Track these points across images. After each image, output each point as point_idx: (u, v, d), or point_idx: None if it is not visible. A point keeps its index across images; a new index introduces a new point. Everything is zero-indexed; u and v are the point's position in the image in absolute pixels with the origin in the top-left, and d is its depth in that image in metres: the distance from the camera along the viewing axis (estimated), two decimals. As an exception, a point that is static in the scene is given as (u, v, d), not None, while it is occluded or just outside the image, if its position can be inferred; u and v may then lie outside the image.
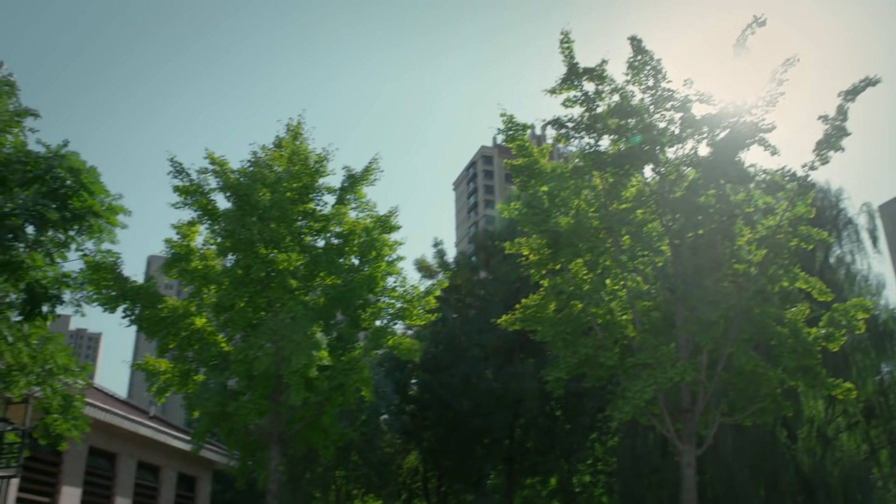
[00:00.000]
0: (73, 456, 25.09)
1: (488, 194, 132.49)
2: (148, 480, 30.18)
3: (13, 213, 12.99)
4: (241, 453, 18.38)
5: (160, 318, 15.79)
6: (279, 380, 16.16)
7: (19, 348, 13.86)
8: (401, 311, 18.18)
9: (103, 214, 14.26)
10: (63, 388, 14.34)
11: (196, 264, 16.63)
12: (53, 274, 13.90)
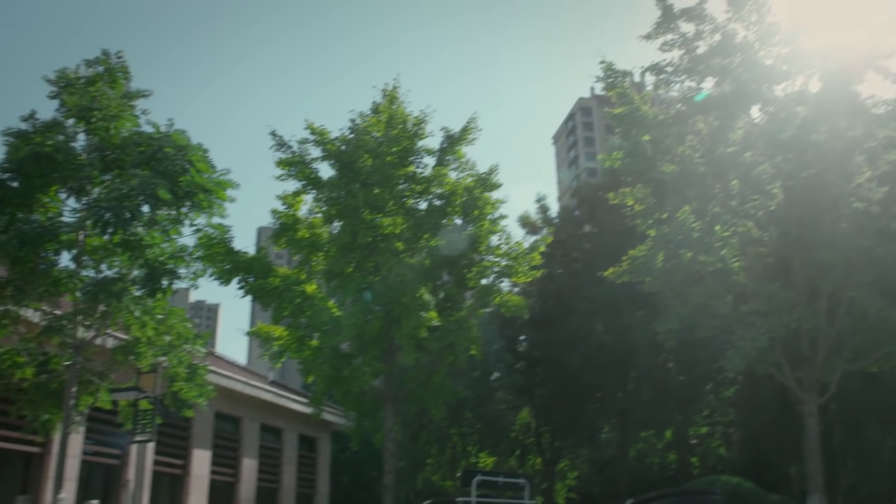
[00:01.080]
0: (201, 421, 26.42)
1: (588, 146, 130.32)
2: (271, 442, 31.53)
3: (130, 194, 13.59)
4: (356, 414, 18.91)
5: (273, 288, 16.28)
6: (390, 342, 16.46)
7: (144, 321, 14.58)
8: (506, 268, 18.15)
9: (212, 190, 14.74)
10: (187, 358, 15.03)
11: (303, 233, 17.02)
12: (170, 250, 14.50)
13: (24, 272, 13.67)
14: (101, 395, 14.80)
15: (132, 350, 14.75)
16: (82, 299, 13.90)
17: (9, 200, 13.60)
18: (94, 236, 14.19)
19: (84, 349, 14.16)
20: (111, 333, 16.32)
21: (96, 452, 22.98)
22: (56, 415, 14.42)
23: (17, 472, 20.86)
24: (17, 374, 14.07)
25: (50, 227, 13.65)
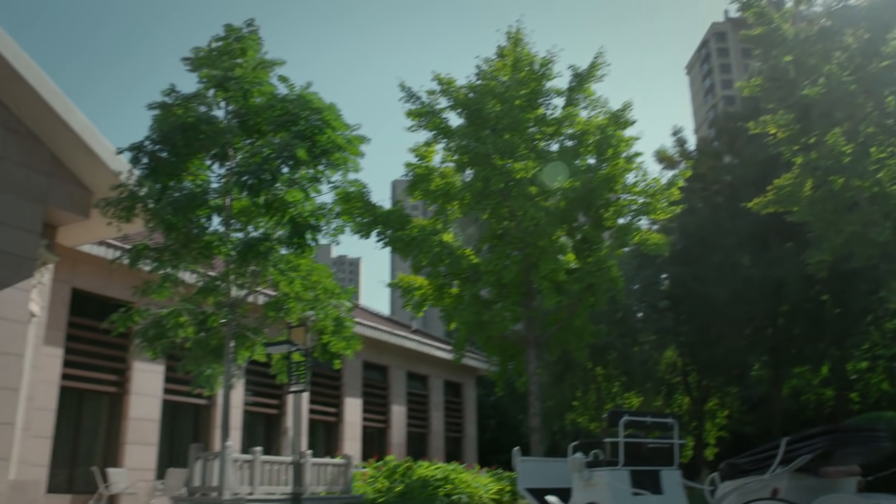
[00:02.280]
0: (350, 371, 27.51)
1: (724, 73, 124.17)
2: (418, 389, 32.47)
3: (270, 156, 14.07)
4: (499, 359, 19.08)
5: (410, 239, 16.53)
6: (529, 286, 16.45)
7: (291, 278, 15.18)
8: (644, 206, 17.66)
9: (346, 147, 15.04)
10: (333, 311, 15.56)
11: (437, 183, 17.14)
12: (311, 207, 14.96)
13: (179, 237, 14.48)
14: (256, 349, 15.59)
15: (281, 306, 15.42)
16: (233, 260, 14.60)
17: (160, 170, 14.38)
18: (239, 199, 14.82)
19: (238, 307, 14.92)
20: (261, 291, 17.11)
21: (257, 403, 24.39)
22: (217, 369, 15.33)
23: (189, 422, 22.46)
24: (180, 333, 15.01)
25: (199, 193, 14.36)
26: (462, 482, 17.65)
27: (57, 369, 18.55)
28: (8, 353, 14.93)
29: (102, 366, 19.99)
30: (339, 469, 17.41)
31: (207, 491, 14.11)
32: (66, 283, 18.90)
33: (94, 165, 16.20)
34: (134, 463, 19.88)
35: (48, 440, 18.03)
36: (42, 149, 16.18)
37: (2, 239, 15.16)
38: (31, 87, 15.19)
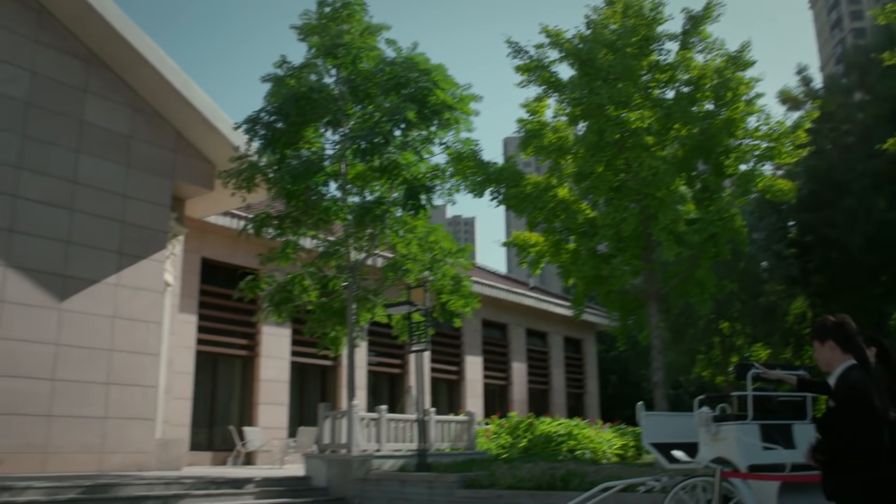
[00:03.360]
0: (470, 329, 27.78)
1: (853, 4, 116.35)
2: (538, 345, 32.49)
3: (381, 120, 14.20)
4: (619, 314, 18.77)
5: (525, 195, 16.38)
6: (648, 238, 16.05)
7: (408, 239, 15.35)
8: (767, 150, 16.83)
9: (456, 106, 14.98)
10: (451, 270, 15.66)
11: (549, 138, 16.88)
12: (424, 169, 15.03)
13: (298, 205, 14.88)
14: (377, 310, 15.91)
15: (400, 267, 15.64)
16: (351, 224, 14.89)
17: (277, 140, 14.77)
18: (354, 164, 15.06)
19: (358, 270, 15.24)
20: (380, 253, 17.41)
21: (380, 363, 25.02)
22: (341, 331, 15.75)
23: (316, 383, 23.29)
24: (304, 297, 15.49)
25: (315, 160, 14.68)
26: (585, 437, 17.60)
27: (192, 335, 19.56)
28: (147, 321, 15.82)
29: (233, 330, 20.94)
30: (463, 426, 17.66)
31: (337, 448, 14.61)
32: (196, 254, 19.82)
33: (215, 139, 16.82)
34: (267, 422, 20.82)
35: (188, 401, 19.10)
36: (167, 126, 16.91)
37: (135, 214, 16.00)
38: (153, 68, 15.85)
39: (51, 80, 15.10)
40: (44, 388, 13.99)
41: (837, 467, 3.88)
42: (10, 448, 13.38)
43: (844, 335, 4.13)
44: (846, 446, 3.81)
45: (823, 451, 3.97)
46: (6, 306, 13.72)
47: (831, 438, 3.94)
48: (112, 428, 14.82)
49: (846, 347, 4.11)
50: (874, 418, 3.79)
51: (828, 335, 4.20)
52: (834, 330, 4.18)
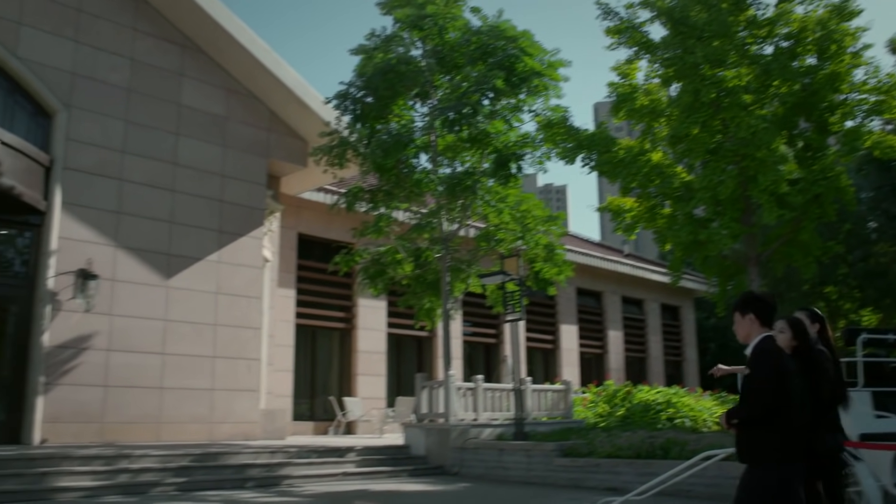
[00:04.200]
0: (564, 298, 27.59)
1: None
2: (634, 313, 32.02)
3: (469, 90, 14.13)
4: (718, 279, 18.26)
5: (617, 161, 16.04)
6: (748, 201, 15.51)
7: (500, 209, 15.30)
8: (876, 105, 15.92)
9: (545, 72, 14.77)
10: (543, 239, 15.55)
11: (642, 101, 16.45)
12: (514, 137, 14.90)
13: (390, 178, 15.00)
14: (471, 281, 15.96)
15: (492, 237, 15.63)
16: (442, 196, 14.93)
17: (366, 115, 14.89)
18: (443, 136, 15.06)
19: (450, 241, 15.30)
20: (472, 224, 17.42)
21: (475, 333, 25.15)
22: (436, 302, 15.88)
23: (412, 353, 23.60)
24: (398, 269, 15.66)
25: (405, 133, 14.74)
26: (684, 406, 17.27)
27: (291, 308, 20.08)
28: (248, 296, 16.33)
29: (331, 304, 21.40)
30: (559, 395, 17.61)
31: (434, 417, 14.80)
32: (292, 230, 20.29)
33: (306, 116, 17.10)
34: (365, 392, 21.26)
35: (289, 373, 19.67)
36: (260, 106, 17.29)
37: (233, 192, 16.48)
38: (245, 49, 16.19)
39: (149, 67, 15.63)
40: (155, 361, 14.66)
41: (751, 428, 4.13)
42: (128, 418, 14.11)
43: (766, 309, 4.37)
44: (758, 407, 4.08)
45: (737, 415, 4.21)
46: (118, 285, 14.39)
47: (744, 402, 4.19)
48: (219, 399, 15.41)
49: (764, 321, 4.35)
50: (782, 378, 4.06)
51: (749, 308, 4.40)
52: (756, 303, 4.41)
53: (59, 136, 14.21)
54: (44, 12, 14.36)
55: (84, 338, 13.85)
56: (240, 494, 10.41)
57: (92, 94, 14.70)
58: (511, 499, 10.58)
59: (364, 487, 11.50)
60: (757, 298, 4.46)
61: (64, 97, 14.33)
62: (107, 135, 14.75)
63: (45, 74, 14.17)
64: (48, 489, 9.79)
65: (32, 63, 14.05)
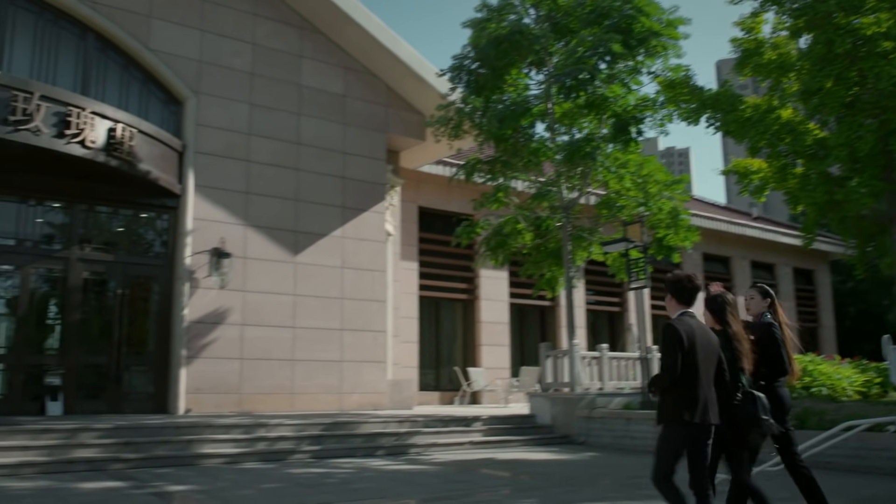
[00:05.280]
0: (690, 264, 26.84)
1: None
2: (764, 278, 30.80)
3: (585, 55, 13.83)
4: (856, 241, 17.27)
5: (744, 120, 15.34)
6: (889, 156, 14.54)
7: (621, 175, 14.98)
8: None
9: (663, 32, 14.27)
10: (667, 204, 15.13)
11: (769, 56, 15.63)
12: (633, 101, 14.52)
13: (507, 148, 14.93)
14: (593, 249, 15.75)
15: (613, 204, 15.34)
16: (561, 163, 14.75)
17: (481, 86, 14.82)
18: (560, 103, 14.83)
19: (571, 209, 15.11)
20: (592, 191, 17.14)
21: (597, 301, 24.86)
22: (557, 271, 15.77)
23: (535, 323, 23.59)
24: (519, 239, 15.62)
25: (520, 102, 14.61)
26: (822, 374, 16.51)
27: (414, 281, 20.42)
28: (373, 269, 16.70)
29: (453, 275, 21.62)
30: (687, 363, 17.20)
31: (559, 387, 14.76)
32: (413, 203, 20.57)
33: (422, 90, 17.21)
34: (489, 362, 21.42)
35: (415, 344, 20.04)
36: (377, 82, 17.52)
37: (354, 169, 16.82)
38: (361, 28, 16.42)
39: (270, 50, 16.10)
40: (286, 335, 15.24)
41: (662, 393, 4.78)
42: (263, 389, 14.76)
43: (678, 289, 5.01)
44: (666, 375, 4.69)
45: (653, 383, 4.87)
46: (249, 262, 15.01)
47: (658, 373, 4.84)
48: (348, 370, 15.89)
49: (680, 300, 4.99)
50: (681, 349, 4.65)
51: (668, 290, 5.06)
52: (672, 285, 5.06)
53: (190, 121, 14.88)
54: (172, 5, 15.00)
55: (220, 313, 14.55)
56: (371, 462, 10.73)
57: (218, 80, 15.30)
58: (641, 468, 10.44)
59: (491, 456, 11.62)
60: (673, 281, 5.06)
61: (192, 84, 14.97)
62: (233, 118, 15.33)
63: (175, 64, 14.84)
64: (194, 455, 10.38)
65: (163, 54, 14.74)
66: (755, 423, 5.04)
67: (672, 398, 4.73)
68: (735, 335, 5.20)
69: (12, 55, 13.55)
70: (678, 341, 4.69)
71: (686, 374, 4.68)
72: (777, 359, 5.60)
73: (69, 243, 13.78)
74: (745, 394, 5.07)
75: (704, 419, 4.68)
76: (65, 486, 8.13)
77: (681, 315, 4.92)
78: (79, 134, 12.23)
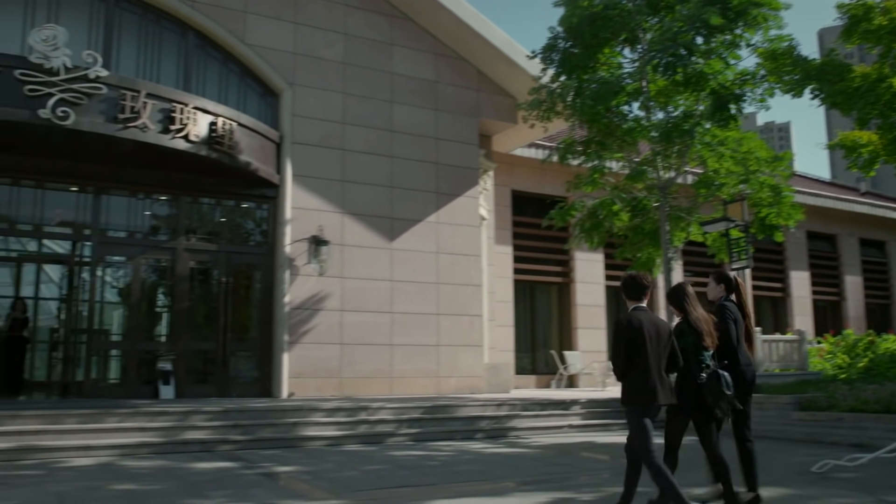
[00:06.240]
0: (794, 243, 25.93)
1: None
2: (874, 256, 29.46)
3: (681, 30, 13.45)
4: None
5: (852, 90, 14.61)
6: None
7: (720, 152, 14.54)
8: None
9: (763, 1, 13.72)
10: (769, 181, 14.62)
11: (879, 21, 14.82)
12: (732, 75, 14.05)
13: (600, 128, 14.68)
14: (691, 229, 15.37)
15: (712, 182, 14.91)
16: (657, 142, 14.42)
17: (573, 66, 14.60)
18: (655, 80, 14.49)
19: (668, 189, 14.78)
20: (689, 170, 16.72)
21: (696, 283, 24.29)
22: (654, 253, 15.46)
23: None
24: (615, 221, 15.38)
25: (614, 81, 14.32)
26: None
27: (509, 265, 20.41)
28: (467, 254, 16.77)
29: (547, 258, 21.50)
30: (792, 345, 16.67)
31: (659, 370, 14.50)
32: (506, 187, 20.53)
33: (514, 73, 17.12)
34: (585, 345, 21.24)
35: (510, 328, 20.05)
36: (468, 67, 17.52)
37: (447, 154, 16.90)
38: (451, 13, 16.43)
39: (361, 39, 16.30)
40: (384, 320, 15.48)
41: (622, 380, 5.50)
42: (363, 373, 15.06)
43: (629, 288, 5.75)
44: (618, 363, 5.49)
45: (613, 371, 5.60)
46: (346, 249, 15.29)
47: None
48: (445, 354, 16.03)
49: (629, 297, 5.75)
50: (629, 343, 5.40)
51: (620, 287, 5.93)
52: (623, 283, 5.86)
53: (286, 113, 15.23)
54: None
55: (319, 299, 14.90)
56: (470, 445, 10.81)
57: (312, 71, 15.59)
58: (745, 453, 10.19)
59: (591, 439, 11.54)
60: (624, 279, 5.85)
61: (288, 76, 15.31)
62: (328, 108, 15.61)
63: (271, 57, 15.20)
64: (298, 437, 10.70)
65: (259, 48, 15.12)
66: (719, 399, 5.57)
67: (628, 383, 5.43)
68: (696, 319, 5.78)
69: (119, 56, 14.16)
70: (624, 337, 5.45)
71: (638, 363, 5.37)
72: (724, 334, 6.05)
73: (176, 234, 14.35)
74: (710, 373, 5.63)
75: (654, 400, 5.37)
76: (181, 466, 8.51)
77: (633, 310, 5.62)
78: (183, 129, 12.69)
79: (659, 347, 5.44)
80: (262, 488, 7.19)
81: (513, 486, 7.35)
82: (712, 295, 6.51)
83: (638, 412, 5.41)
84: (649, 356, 5.37)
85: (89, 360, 13.53)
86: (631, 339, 5.40)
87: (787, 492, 6.94)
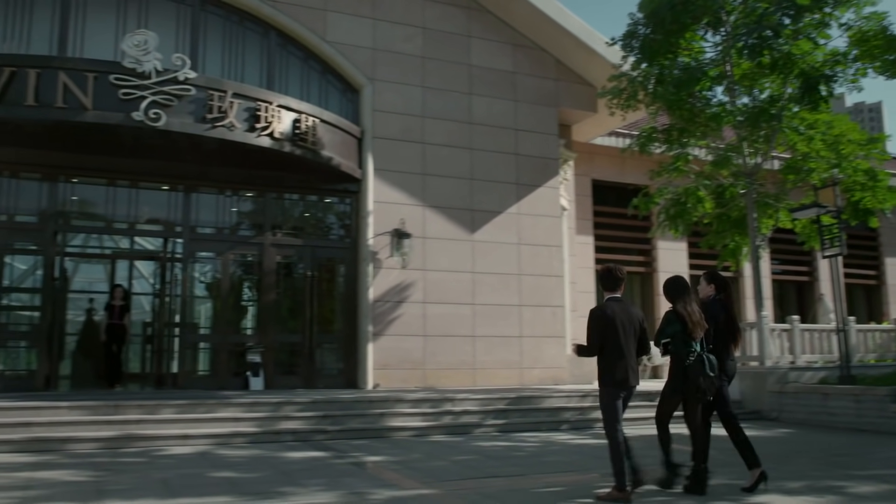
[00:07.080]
0: (888, 228, 24.90)
1: None
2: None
3: (767, 11, 13.08)
4: None
5: (953, 67, 14.00)
6: None
7: (809, 136, 14.11)
8: None
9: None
10: (863, 164, 14.12)
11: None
12: (822, 56, 13.61)
13: (683, 115, 14.42)
14: (780, 216, 14.97)
15: (801, 167, 14.49)
16: (743, 127, 14.08)
17: (654, 52, 14.35)
18: (739, 64, 14.14)
19: (755, 175, 14.41)
20: (777, 155, 16.27)
21: (784, 271, 23.60)
22: (741, 241, 15.11)
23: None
24: (699, 209, 15.09)
25: (696, 66, 14.04)
26: None
27: (590, 255, 20.22)
28: (549, 245, 16.69)
29: (629, 248, 21.23)
30: (889, 335, 16.05)
31: (747, 360, 14.19)
32: (586, 176, 20.34)
33: (593, 61, 16.92)
34: (670, 336, 20.86)
35: (592, 319, 19.85)
36: (546, 56, 17.40)
37: (527, 145, 16.84)
38: (527, 3, 16.35)
39: (439, 33, 16.36)
40: (466, 311, 15.56)
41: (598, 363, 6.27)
42: (446, 365, 15.17)
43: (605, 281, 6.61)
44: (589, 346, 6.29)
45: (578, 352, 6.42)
46: (428, 241, 15.42)
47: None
48: (527, 346, 16.01)
49: (604, 288, 6.59)
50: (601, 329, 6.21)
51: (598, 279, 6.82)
52: (599, 275, 6.74)
53: (367, 108, 15.43)
54: (345, -5, 15.58)
55: (402, 291, 15.07)
56: (556, 436, 10.79)
57: (391, 66, 15.74)
58: (841, 445, 9.90)
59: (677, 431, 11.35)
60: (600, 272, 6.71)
61: (368, 72, 15.50)
62: (407, 102, 15.74)
63: (351, 53, 15.42)
64: (385, 428, 10.87)
65: (339, 45, 15.34)
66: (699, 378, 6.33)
67: (602, 365, 6.21)
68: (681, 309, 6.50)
69: (205, 57, 14.58)
70: (596, 323, 6.23)
71: (610, 347, 6.15)
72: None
73: (262, 230, 14.72)
74: (696, 357, 6.34)
75: (624, 381, 6.14)
76: (274, 455, 8.76)
77: (608, 300, 6.41)
78: (268, 127, 13.00)
79: (629, 335, 6.22)
80: (354, 477, 7.35)
81: (598, 478, 7.33)
82: (701, 293, 7.21)
83: (611, 393, 6.18)
84: (622, 342, 6.15)
85: (183, 353, 14.03)
86: (604, 326, 6.17)
87: (890, 488, 6.72)
